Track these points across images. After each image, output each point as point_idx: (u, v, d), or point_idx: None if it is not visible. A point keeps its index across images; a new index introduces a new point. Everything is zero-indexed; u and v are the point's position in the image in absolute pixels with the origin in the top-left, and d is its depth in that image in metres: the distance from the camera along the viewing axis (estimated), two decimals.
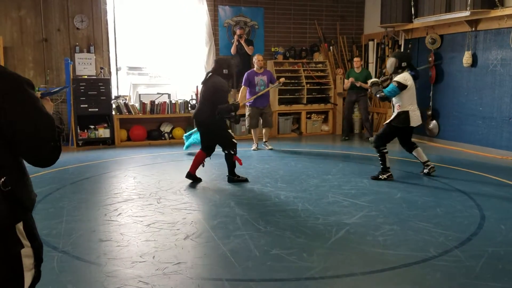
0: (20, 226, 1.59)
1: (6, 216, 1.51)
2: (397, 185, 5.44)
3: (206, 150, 5.61)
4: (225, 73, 5.46)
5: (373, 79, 5.92)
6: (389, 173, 5.61)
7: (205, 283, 2.94)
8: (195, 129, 7.25)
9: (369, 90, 5.72)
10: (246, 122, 7.99)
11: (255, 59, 7.91)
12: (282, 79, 7.90)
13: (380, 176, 5.61)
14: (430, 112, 8.58)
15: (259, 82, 7.75)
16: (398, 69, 5.51)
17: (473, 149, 7.71)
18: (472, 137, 7.82)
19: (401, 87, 5.36)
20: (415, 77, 5.58)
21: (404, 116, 5.48)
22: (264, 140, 8.18)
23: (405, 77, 5.42)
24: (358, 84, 8.72)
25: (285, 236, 3.72)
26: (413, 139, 5.93)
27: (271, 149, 8.01)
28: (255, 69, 7.84)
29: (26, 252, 1.62)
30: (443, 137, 8.43)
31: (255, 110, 7.80)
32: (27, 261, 1.62)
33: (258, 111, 7.82)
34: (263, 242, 3.57)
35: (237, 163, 5.59)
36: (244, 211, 4.40)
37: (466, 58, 7.66)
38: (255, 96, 7.68)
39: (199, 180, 5.60)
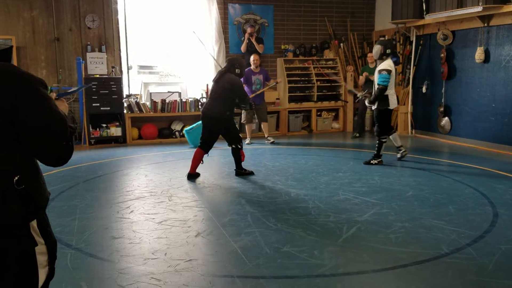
0: (34, 224, 1.62)
1: (20, 214, 1.53)
2: (409, 182, 5.41)
3: (205, 146, 5.65)
4: (237, 72, 5.66)
5: (359, 94, 6.82)
6: (380, 159, 6.30)
7: (216, 280, 2.96)
8: (197, 123, 7.86)
9: (361, 97, 6.70)
10: (243, 117, 8.37)
11: (251, 58, 8.36)
12: (279, 80, 8.86)
13: (372, 161, 6.28)
14: (442, 109, 8.51)
15: (256, 81, 8.27)
16: (383, 55, 6.07)
17: (485, 146, 7.63)
18: (485, 133, 7.73)
19: (389, 72, 5.94)
20: (396, 63, 6.13)
21: (384, 99, 6.06)
22: (265, 135, 8.54)
23: (389, 64, 6.02)
24: (372, 77, 8.68)
25: (296, 233, 3.72)
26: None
27: (273, 142, 8.35)
28: (252, 68, 8.32)
29: (40, 250, 1.64)
30: (456, 134, 8.35)
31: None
32: (41, 258, 1.64)
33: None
34: (274, 240, 3.58)
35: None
36: (254, 208, 4.41)
37: (479, 54, 7.58)
38: (253, 95, 8.11)
39: (198, 175, 5.73)
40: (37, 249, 1.62)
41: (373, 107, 6.24)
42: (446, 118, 8.51)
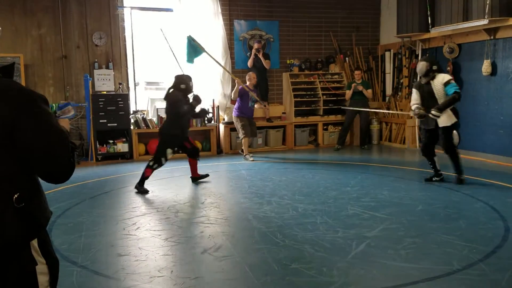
0: (34, 243, 1.58)
1: (20, 233, 1.50)
2: (418, 197, 5.34)
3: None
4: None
5: (412, 113, 6.08)
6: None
7: None
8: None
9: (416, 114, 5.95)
10: (241, 133, 8.32)
11: (250, 77, 8.45)
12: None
13: (461, 177, 5.87)
14: None
15: (252, 98, 8.33)
16: (429, 72, 5.73)
17: (495, 159, 7.55)
18: (494, 146, 7.65)
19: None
20: None
21: (456, 110, 5.79)
22: (244, 152, 8.51)
23: (448, 75, 5.75)
24: (360, 88, 9.05)
25: (304, 249, 3.66)
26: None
27: (253, 161, 8.30)
28: (248, 85, 8.38)
29: (41, 270, 1.60)
30: (464, 147, 8.25)
31: (246, 119, 8.34)
32: (42, 279, 1.60)
33: (248, 120, 8.37)
34: (281, 256, 3.53)
35: None
36: (261, 224, 4.36)
37: (485, 67, 7.54)
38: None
39: None
40: (38, 269, 1.58)
41: (447, 123, 5.77)
42: (454, 131, 8.41)
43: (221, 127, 9.20)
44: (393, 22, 9.43)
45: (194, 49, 7.83)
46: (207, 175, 6.49)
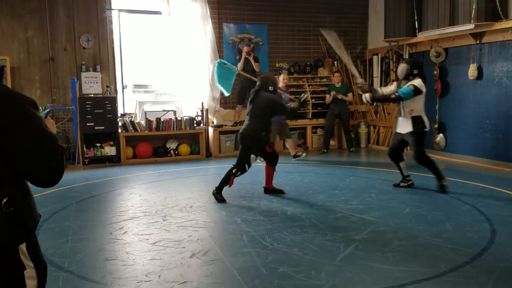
0: (23, 247, 1.57)
1: (8, 237, 1.49)
2: (405, 199, 5.38)
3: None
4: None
5: (360, 81, 5.86)
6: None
7: None
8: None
9: (361, 84, 5.78)
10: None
11: (281, 77, 8.46)
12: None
13: (443, 183, 5.60)
14: (436, 126, 8.53)
15: (285, 99, 8.11)
16: (409, 76, 5.51)
17: (481, 162, 7.63)
18: (480, 150, 7.74)
19: (416, 92, 5.35)
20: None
21: (420, 120, 5.52)
22: (292, 153, 8.51)
23: (421, 83, 5.43)
24: (340, 96, 9.20)
25: (293, 253, 3.66)
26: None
27: (306, 155, 8.60)
28: (280, 86, 8.22)
29: (29, 274, 1.59)
30: (451, 150, 8.36)
31: (275, 124, 7.89)
32: (30, 283, 1.59)
33: (280, 124, 8.10)
34: (270, 260, 3.52)
35: None
36: (250, 227, 4.35)
37: (472, 71, 7.64)
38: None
39: None
40: (26, 273, 1.57)
41: (405, 130, 5.58)
42: (441, 134, 8.52)
43: (210, 130, 9.18)
44: (380, 27, 9.51)
45: (227, 72, 7.31)
46: (282, 191, 5.78)
